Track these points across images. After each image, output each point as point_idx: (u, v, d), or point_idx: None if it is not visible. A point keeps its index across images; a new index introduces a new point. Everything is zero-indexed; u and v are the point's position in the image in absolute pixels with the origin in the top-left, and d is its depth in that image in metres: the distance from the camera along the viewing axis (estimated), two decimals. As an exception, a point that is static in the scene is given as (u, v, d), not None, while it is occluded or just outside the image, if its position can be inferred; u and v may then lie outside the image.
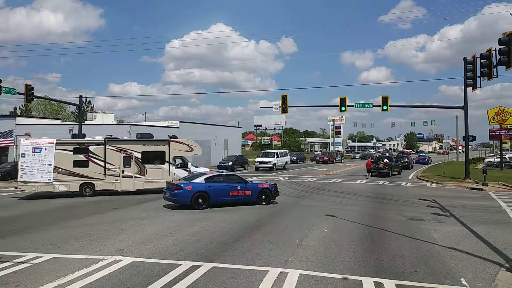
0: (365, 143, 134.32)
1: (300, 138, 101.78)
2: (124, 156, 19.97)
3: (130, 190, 19.87)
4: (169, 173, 20.71)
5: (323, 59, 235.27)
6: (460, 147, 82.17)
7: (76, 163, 19.25)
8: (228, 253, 8.70)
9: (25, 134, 20.78)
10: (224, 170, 22.39)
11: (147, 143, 20.92)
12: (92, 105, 67.84)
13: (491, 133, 43.54)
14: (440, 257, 8.55)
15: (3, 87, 25.61)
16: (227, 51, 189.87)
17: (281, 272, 7.38)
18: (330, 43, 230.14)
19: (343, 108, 30.39)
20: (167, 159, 20.79)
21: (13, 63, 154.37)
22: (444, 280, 7.09)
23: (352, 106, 32.54)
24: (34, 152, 18.63)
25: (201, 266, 7.71)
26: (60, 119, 55.11)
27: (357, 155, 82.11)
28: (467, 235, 10.86)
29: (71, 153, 19.23)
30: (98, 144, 19.76)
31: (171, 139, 21.36)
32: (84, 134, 30.85)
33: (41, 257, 8.34)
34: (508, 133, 42.78)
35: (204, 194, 14.97)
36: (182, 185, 14.92)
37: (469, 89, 26.24)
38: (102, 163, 19.60)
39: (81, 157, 19.38)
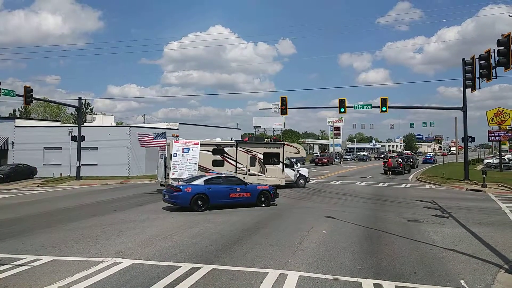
0: (364, 144, 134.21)
1: (299, 140, 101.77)
2: (250, 157, 22.68)
3: None
4: (283, 171, 23.58)
5: (322, 60, 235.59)
6: (454, 147, 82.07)
7: (215, 162, 21.51)
8: (228, 255, 8.70)
9: (175, 136, 22.77)
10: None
11: (267, 146, 24.34)
12: (91, 107, 67.83)
13: (490, 134, 43.63)
14: (440, 259, 8.56)
15: (2, 89, 25.63)
16: (225, 53, 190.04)
17: (280, 274, 7.38)
18: (328, 44, 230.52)
19: (342, 110, 30.37)
20: (281, 159, 23.60)
21: (12, 65, 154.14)
22: (444, 282, 7.09)
23: (351, 107, 32.56)
24: (183, 152, 20.71)
25: (200, 268, 7.71)
26: (59, 121, 54.99)
27: (348, 157, 75.82)
28: (467, 237, 10.87)
29: (211, 153, 21.60)
30: (231, 146, 22.42)
31: (285, 143, 25.55)
32: (84, 136, 30.91)
33: (40, 259, 8.33)
34: (507, 134, 42.88)
35: (204, 196, 14.96)
36: (181, 187, 14.91)
37: (468, 90, 26.29)
38: (234, 163, 22.14)
39: (218, 157, 21.78)
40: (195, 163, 20.86)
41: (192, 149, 20.92)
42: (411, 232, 11.29)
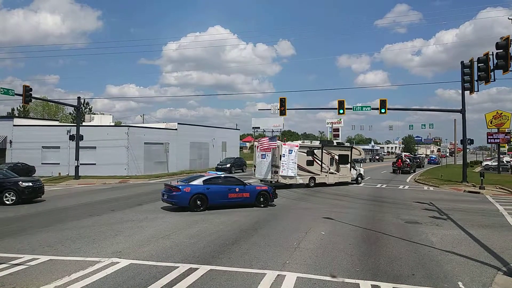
0: (363, 146, 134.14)
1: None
2: (330, 158, 26.29)
3: (331, 183, 26.11)
4: (350, 171, 27.58)
5: (320, 62, 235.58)
6: (446, 149, 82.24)
7: (307, 162, 24.96)
8: (226, 256, 8.68)
9: (285, 139, 25.44)
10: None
11: (341, 148, 28.23)
12: (90, 106, 67.67)
13: (489, 137, 43.68)
14: (438, 261, 8.56)
15: (1, 88, 25.61)
16: (224, 53, 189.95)
17: (278, 275, 7.36)
18: (327, 46, 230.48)
19: (341, 111, 30.41)
20: (349, 160, 27.57)
21: (10, 65, 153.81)
22: (442, 284, 7.09)
23: (350, 109, 32.61)
24: (288, 153, 23.63)
25: (198, 268, 7.69)
26: (58, 120, 54.89)
27: None
28: (465, 239, 10.88)
29: (305, 154, 24.85)
30: (318, 148, 25.92)
31: (353, 146, 30.19)
32: (82, 136, 30.84)
33: (37, 259, 8.30)
34: (505, 136, 42.92)
35: (202, 196, 14.93)
36: (180, 187, 14.87)
37: (466, 92, 26.35)
38: (320, 163, 25.64)
39: (310, 157, 25.14)
40: (295, 163, 23.72)
41: (294, 151, 23.85)
42: (409, 234, 11.29)
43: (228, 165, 37.50)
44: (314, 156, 25.34)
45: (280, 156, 23.50)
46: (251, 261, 8.29)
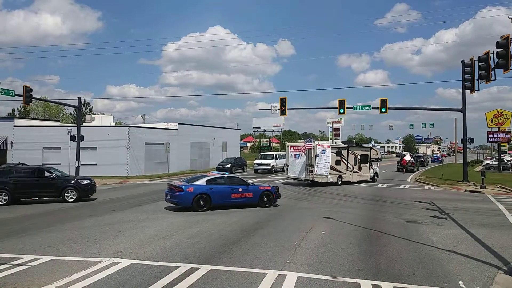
0: (363, 145, 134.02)
1: (299, 140, 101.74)
2: (354, 157, 27.92)
3: (354, 181, 27.64)
4: (369, 169, 29.45)
5: (320, 61, 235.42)
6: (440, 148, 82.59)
7: (336, 162, 26.42)
8: (227, 256, 8.69)
9: (319, 140, 27.06)
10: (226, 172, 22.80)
11: (362, 149, 30.83)
12: (90, 107, 67.67)
13: (489, 136, 43.64)
14: (438, 260, 8.57)
15: (2, 89, 25.60)
16: (224, 53, 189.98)
17: (279, 274, 7.38)
18: (327, 46, 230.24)
19: (341, 110, 30.38)
20: (368, 160, 29.45)
21: (11, 65, 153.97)
22: (442, 283, 7.09)
23: (351, 108, 32.58)
24: (321, 153, 24.97)
25: (199, 268, 7.70)
26: (58, 120, 54.89)
27: None
28: (466, 238, 10.88)
29: (335, 154, 26.24)
30: (345, 148, 27.46)
31: (371, 147, 32.98)
32: (83, 136, 30.86)
33: (39, 259, 8.32)
34: (506, 135, 42.90)
35: (206, 196, 14.92)
36: (183, 187, 14.85)
37: (467, 91, 26.32)
38: (346, 162, 27.17)
39: (338, 157, 26.60)
40: (328, 162, 25.19)
41: (326, 151, 25.25)
42: (410, 233, 11.29)
43: (229, 165, 37.48)
44: (342, 156, 26.74)
45: (315, 156, 24.69)
46: (252, 260, 8.30)
